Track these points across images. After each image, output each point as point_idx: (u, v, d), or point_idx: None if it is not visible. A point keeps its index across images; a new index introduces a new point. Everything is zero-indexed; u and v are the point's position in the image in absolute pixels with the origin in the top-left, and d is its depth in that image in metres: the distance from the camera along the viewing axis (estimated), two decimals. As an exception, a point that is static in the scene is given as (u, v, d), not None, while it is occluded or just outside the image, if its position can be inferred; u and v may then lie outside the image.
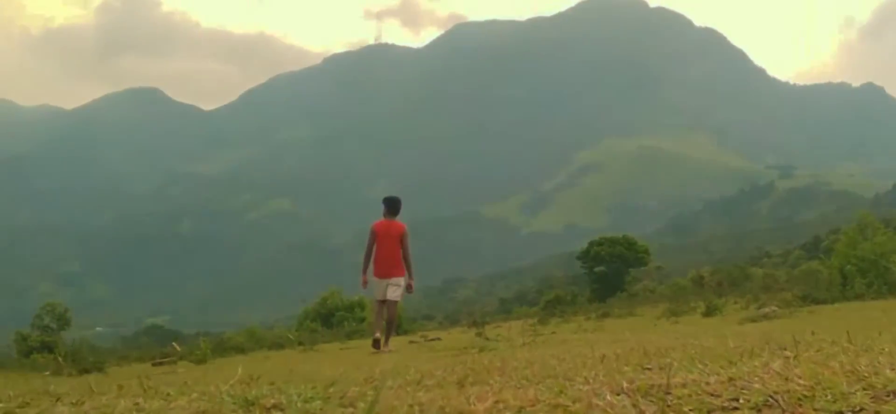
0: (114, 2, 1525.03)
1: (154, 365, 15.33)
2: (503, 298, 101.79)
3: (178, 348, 17.19)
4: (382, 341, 12.20)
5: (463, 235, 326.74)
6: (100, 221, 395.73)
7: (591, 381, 3.20)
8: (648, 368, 3.84)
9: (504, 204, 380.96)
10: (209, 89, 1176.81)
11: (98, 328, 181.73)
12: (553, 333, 15.47)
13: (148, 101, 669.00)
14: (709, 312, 17.52)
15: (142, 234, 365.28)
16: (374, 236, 12.74)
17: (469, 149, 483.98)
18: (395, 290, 12.58)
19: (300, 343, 20.46)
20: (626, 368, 3.92)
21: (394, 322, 12.98)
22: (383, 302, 12.60)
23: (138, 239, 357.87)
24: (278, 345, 21.76)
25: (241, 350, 19.51)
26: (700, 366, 3.52)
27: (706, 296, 23.81)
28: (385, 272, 12.59)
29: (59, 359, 12.45)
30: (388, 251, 12.62)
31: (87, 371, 11.88)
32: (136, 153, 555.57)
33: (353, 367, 6.86)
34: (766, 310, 14.91)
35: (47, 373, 12.55)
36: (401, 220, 13.04)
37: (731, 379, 2.71)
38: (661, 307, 23.58)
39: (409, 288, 12.87)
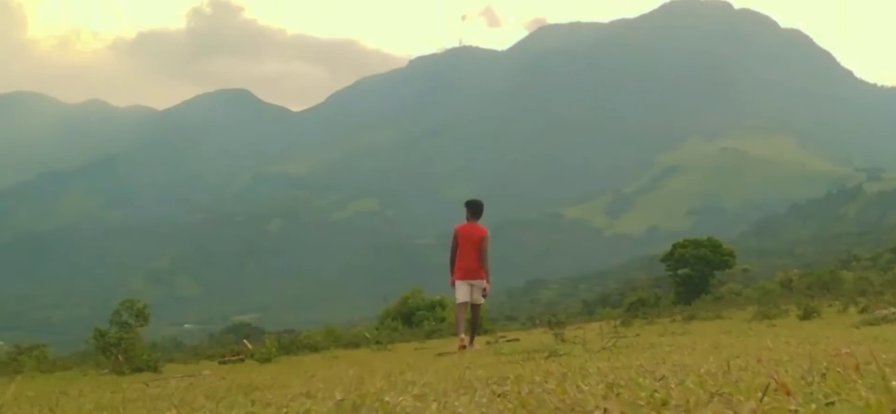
0: (204, 7, 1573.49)
1: (221, 363, 15.23)
2: (586, 299, 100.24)
3: (249, 346, 17.08)
4: (468, 342, 12.16)
5: (545, 236, 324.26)
6: (190, 219, 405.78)
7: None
8: None
9: (586, 206, 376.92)
10: (297, 91, 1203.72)
11: (186, 325, 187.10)
12: (637, 335, 14.81)
13: (238, 103, 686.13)
14: (806, 315, 16.60)
15: (231, 232, 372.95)
16: (456, 239, 12.60)
17: (552, 151, 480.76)
18: (478, 292, 12.52)
19: (377, 342, 20.27)
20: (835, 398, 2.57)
21: (477, 323, 12.99)
22: (465, 304, 12.49)
23: (227, 237, 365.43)
24: (354, 343, 21.66)
25: (314, 348, 19.35)
26: None
27: (799, 299, 22.79)
28: (469, 274, 12.45)
29: (119, 357, 12.31)
30: (470, 254, 12.48)
31: (140, 370, 11.70)
32: (225, 153, 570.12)
33: (368, 371, 6.44)
34: (885, 312, 13.95)
35: (105, 371, 12.47)
36: (484, 221, 12.89)
37: None
38: (749, 310, 22.75)
39: (484, 292, 12.62)
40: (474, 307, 12.60)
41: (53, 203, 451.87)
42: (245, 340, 18.97)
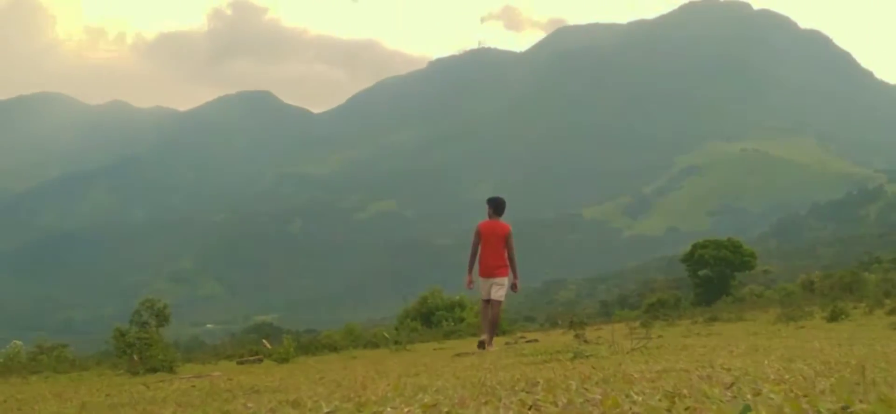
0: (224, 8, 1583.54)
1: (239, 363, 15.25)
2: (604, 300, 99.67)
3: (268, 346, 17.09)
4: (487, 341, 12.11)
5: (564, 236, 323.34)
6: (212, 219, 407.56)
7: None
8: None
9: (605, 206, 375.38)
10: (318, 93, 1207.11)
11: (209, 325, 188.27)
12: (659, 336, 14.66)
13: (259, 104, 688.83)
14: (833, 317, 16.36)
15: (253, 233, 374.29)
16: (479, 237, 12.59)
17: (570, 151, 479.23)
18: (498, 289, 12.46)
19: (396, 342, 20.24)
20: None
21: (497, 322, 12.94)
22: (488, 302, 12.52)
23: (249, 238, 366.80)
24: (373, 344, 21.60)
25: (333, 348, 19.33)
26: None
27: (822, 300, 22.56)
28: (489, 272, 12.45)
29: (134, 357, 12.33)
30: (492, 251, 12.47)
31: (154, 370, 11.67)
32: (247, 154, 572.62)
33: (381, 372, 6.29)
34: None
35: (121, 371, 12.48)
36: (503, 220, 12.85)
37: None
38: (771, 312, 22.53)
39: (513, 287, 12.73)
40: (495, 304, 12.53)
41: (77, 203, 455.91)
42: (264, 340, 18.99)
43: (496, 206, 12.74)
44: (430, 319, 36.05)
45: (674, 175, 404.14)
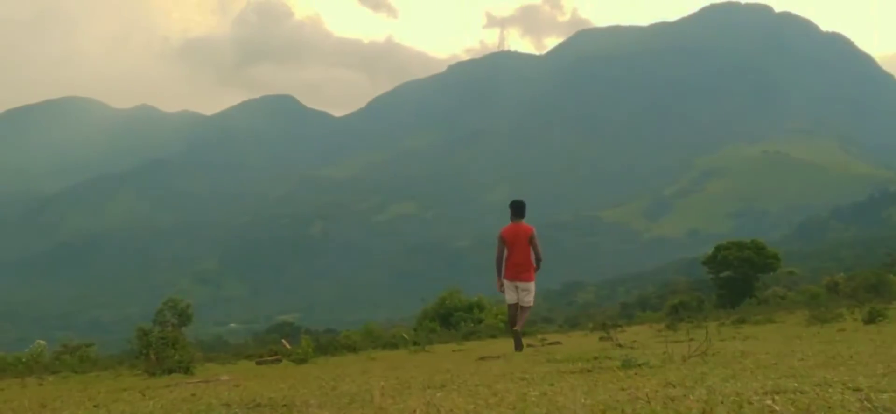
0: (249, 14, 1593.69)
1: (257, 363, 15.33)
2: (625, 302, 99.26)
3: (287, 346, 17.18)
4: (516, 345, 12.25)
5: (583, 239, 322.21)
6: (236, 221, 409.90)
7: None
8: None
9: (624, 209, 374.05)
10: (339, 97, 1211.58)
11: (232, 324, 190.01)
12: (691, 339, 14.51)
13: (282, 108, 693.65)
14: (870, 319, 16.11)
15: (275, 234, 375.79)
16: (504, 242, 12.63)
17: (590, 154, 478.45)
18: (527, 295, 12.58)
19: (415, 343, 20.27)
20: None
21: (523, 325, 12.86)
22: (516, 305, 12.62)
23: (272, 239, 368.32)
24: (392, 344, 21.66)
25: (351, 349, 19.37)
26: None
27: (848, 302, 22.35)
28: (516, 273, 12.54)
29: (152, 357, 12.39)
30: (519, 254, 12.56)
31: (171, 371, 11.68)
32: (270, 157, 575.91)
33: (402, 382, 6.05)
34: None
35: (139, 372, 12.55)
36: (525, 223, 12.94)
37: None
38: (799, 314, 22.34)
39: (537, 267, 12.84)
40: (523, 310, 12.60)
41: (105, 205, 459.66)
42: (283, 340, 19.10)
43: (517, 209, 12.78)
44: (449, 320, 36.08)
45: (694, 177, 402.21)
